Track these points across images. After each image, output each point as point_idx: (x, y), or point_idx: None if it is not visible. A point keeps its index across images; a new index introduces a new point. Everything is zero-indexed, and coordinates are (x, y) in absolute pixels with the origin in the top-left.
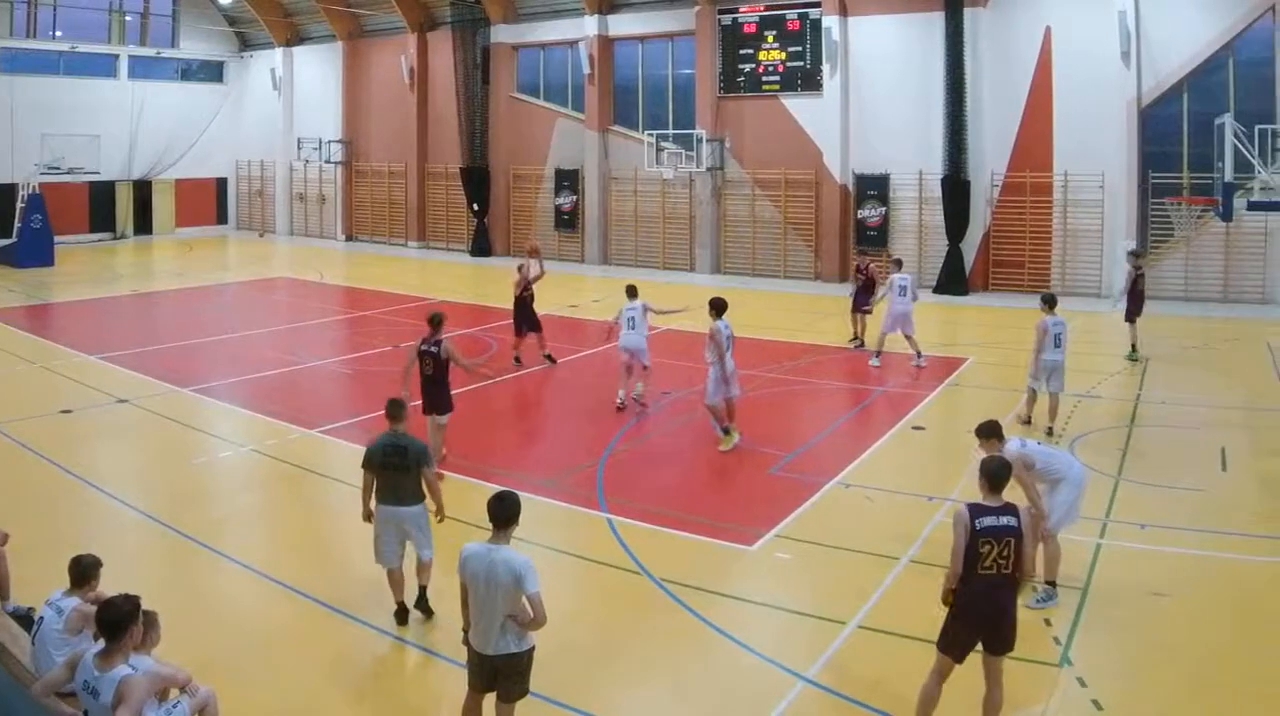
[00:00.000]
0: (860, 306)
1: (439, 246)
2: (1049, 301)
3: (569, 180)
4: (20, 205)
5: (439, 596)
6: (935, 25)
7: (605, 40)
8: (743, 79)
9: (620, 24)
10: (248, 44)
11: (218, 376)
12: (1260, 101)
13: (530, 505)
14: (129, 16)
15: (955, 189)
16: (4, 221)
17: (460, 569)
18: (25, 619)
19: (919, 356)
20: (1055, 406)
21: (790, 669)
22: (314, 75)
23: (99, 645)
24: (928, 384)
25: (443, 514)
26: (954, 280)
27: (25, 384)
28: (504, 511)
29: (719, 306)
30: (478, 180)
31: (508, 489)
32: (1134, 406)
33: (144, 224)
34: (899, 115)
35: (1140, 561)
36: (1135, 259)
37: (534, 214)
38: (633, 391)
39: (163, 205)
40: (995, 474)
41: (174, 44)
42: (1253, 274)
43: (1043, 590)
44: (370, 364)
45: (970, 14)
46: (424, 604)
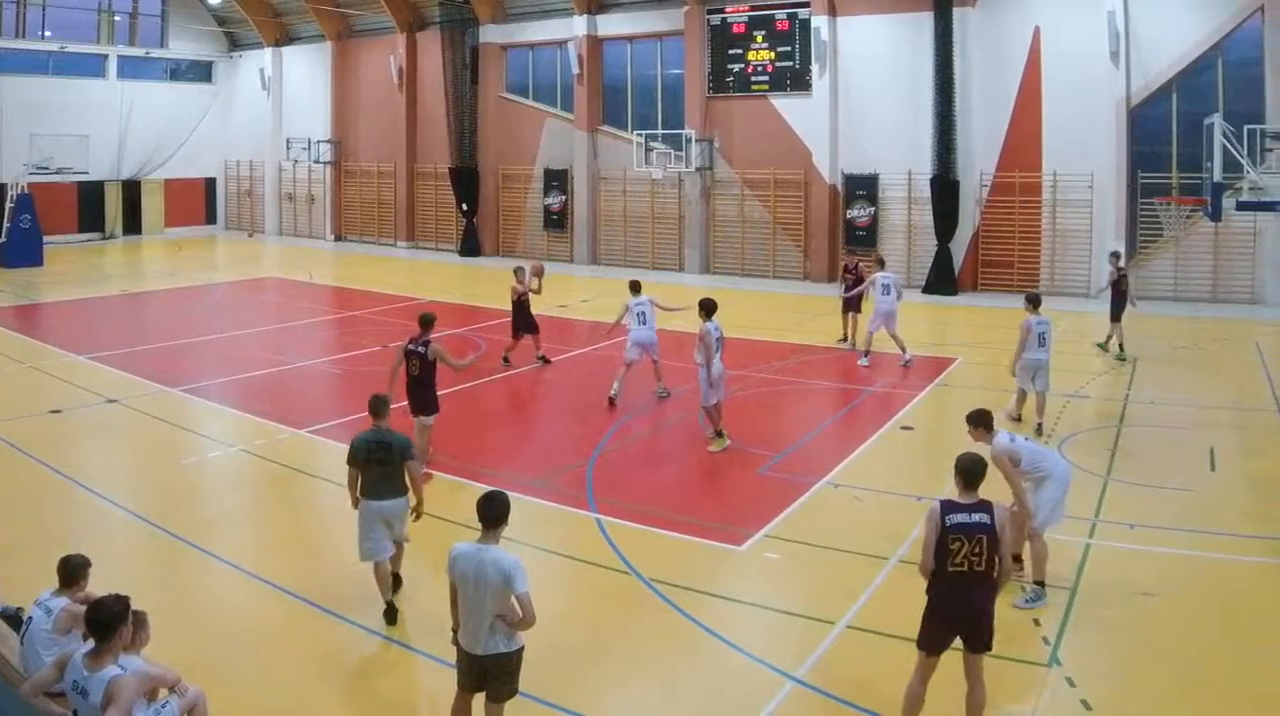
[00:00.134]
0: (851, 306)
1: (428, 246)
2: (1033, 301)
3: (558, 180)
4: (9, 205)
5: (417, 587)
6: (924, 25)
7: (594, 40)
8: (732, 79)
9: (609, 24)
10: (237, 44)
11: (207, 376)
12: (1249, 101)
13: (519, 505)
14: (118, 16)
15: (944, 189)
16: None
17: (449, 568)
18: (14, 619)
19: (904, 352)
20: (1042, 405)
21: (779, 669)
22: (303, 75)
23: (88, 645)
24: (916, 384)
25: (421, 511)
26: (943, 280)
27: (14, 384)
28: (493, 511)
29: (709, 307)
30: (467, 180)
31: (497, 489)
32: (1123, 406)
33: (133, 224)
34: (888, 115)
35: (1129, 561)
36: (1116, 259)
37: (523, 214)
38: (656, 389)
39: (151, 205)
40: (969, 471)
41: (163, 44)
42: (1241, 274)
43: (1031, 590)
44: (359, 364)
45: (959, 14)
46: (397, 584)
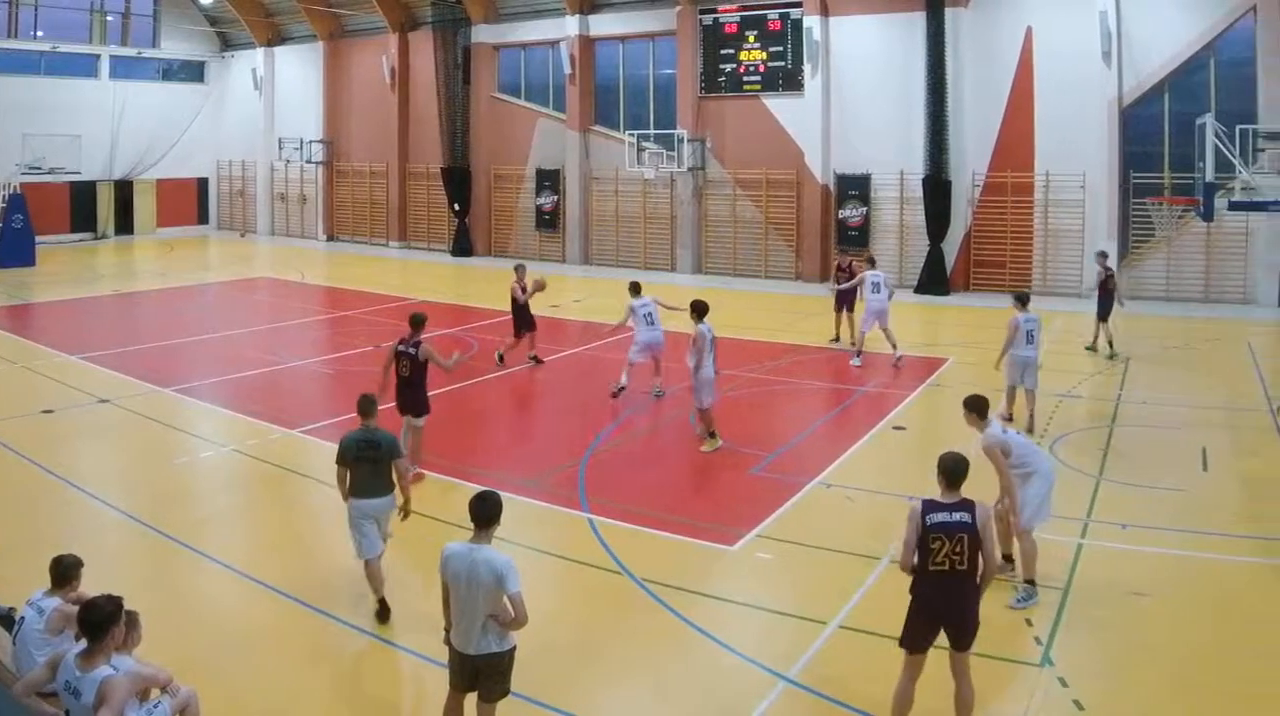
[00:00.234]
0: (843, 303)
1: (420, 246)
2: (1022, 299)
3: (550, 180)
4: (1, 205)
5: (408, 587)
6: (916, 25)
7: (586, 40)
8: (724, 79)
9: (601, 24)
10: (229, 44)
11: (199, 376)
12: (1241, 101)
13: (512, 505)
14: (110, 16)
15: (936, 189)
16: None
17: (441, 568)
18: (6, 619)
19: (895, 350)
20: (1032, 402)
21: (771, 669)
22: (295, 75)
23: (80, 645)
24: (908, 384)
25: (408, 509)
26: (935, 280)
27: (6, 384)
28: (485, 511)
29: (700, 309)
30: (459, 180)
31: (489, 488)
32: (1115, 406)
33: (125, 224)
34: (880, 115)
35: (1121, 561)
36: (1104, 259)
37: (515, 214)
38: (653, 388)
39: (144, 205)
40: (951, 470)
41: (155, 44)
42: (1234, 274)
43: (1022, 589)
44: (351, 364)
45: (951, 14)
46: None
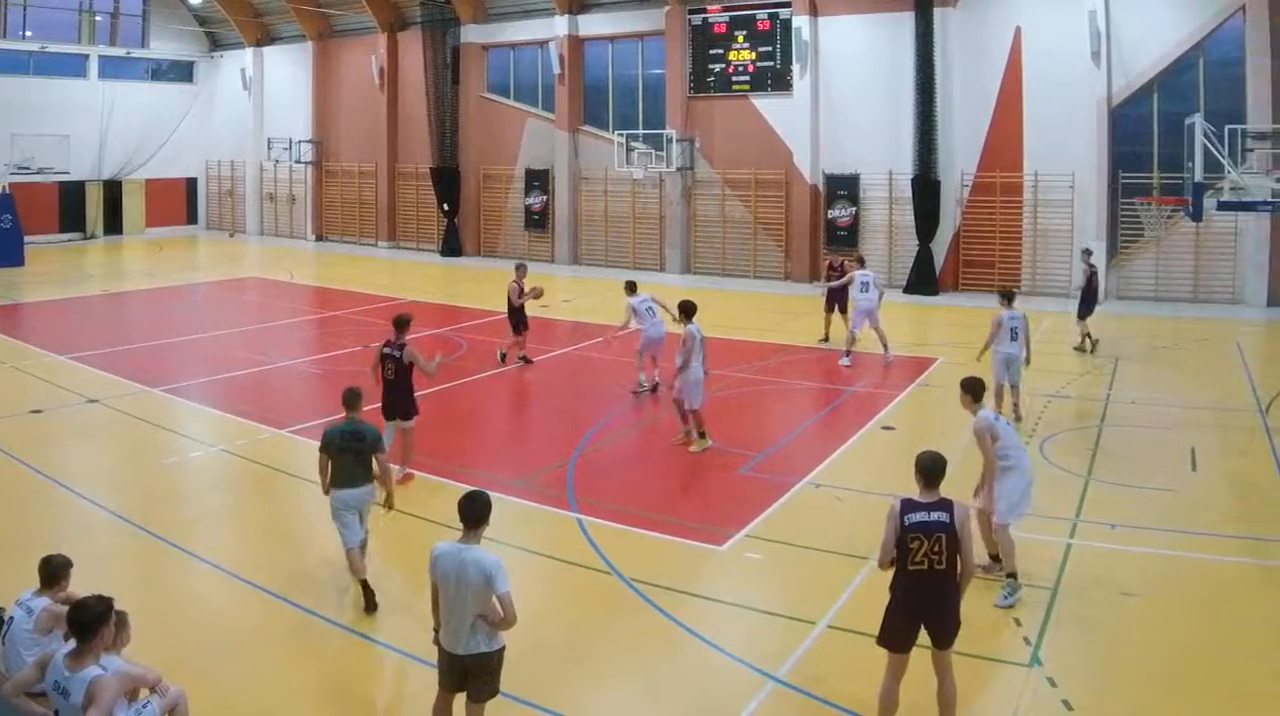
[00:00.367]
0: (833, 302)
1: (409, 246)
2: (1007, 296)
3: (539, 180)
4: None
5: (397, 587)
6: (905, 25)
7: (575, 40)
8: (713, 79)
9: (590, 24)
10: (218, 44)
11: (188, 376)
12: (1230, 101)
13: (501, 505)
14: (99, 16)
15: (925, 189)
16: None
17: (431, 568)
18: None
19: (886, 349)
20: (1016, 397)
21: (760, 669)
22: (284, 75)
23: (69, 645)
24: (898, 384)
25: (392, 502)
26: (924, 280)
27: None
28: (474, 511)
29: (689, 310)
30: (448, 180)
31: (478, 488)
32: (1104, 406)
33: (114, 224)
34: (869, 115)
35: (1110, 561)
36: (1088, 256)
37: (504, 214)
38: (652, 380)
39: (133, 205)
40: (929, 469)
41: (144, 44)
42: (1223, 274)
43: (1006, 584)
44: (340, 364)
45: (940, 14)
46: (371, 594)
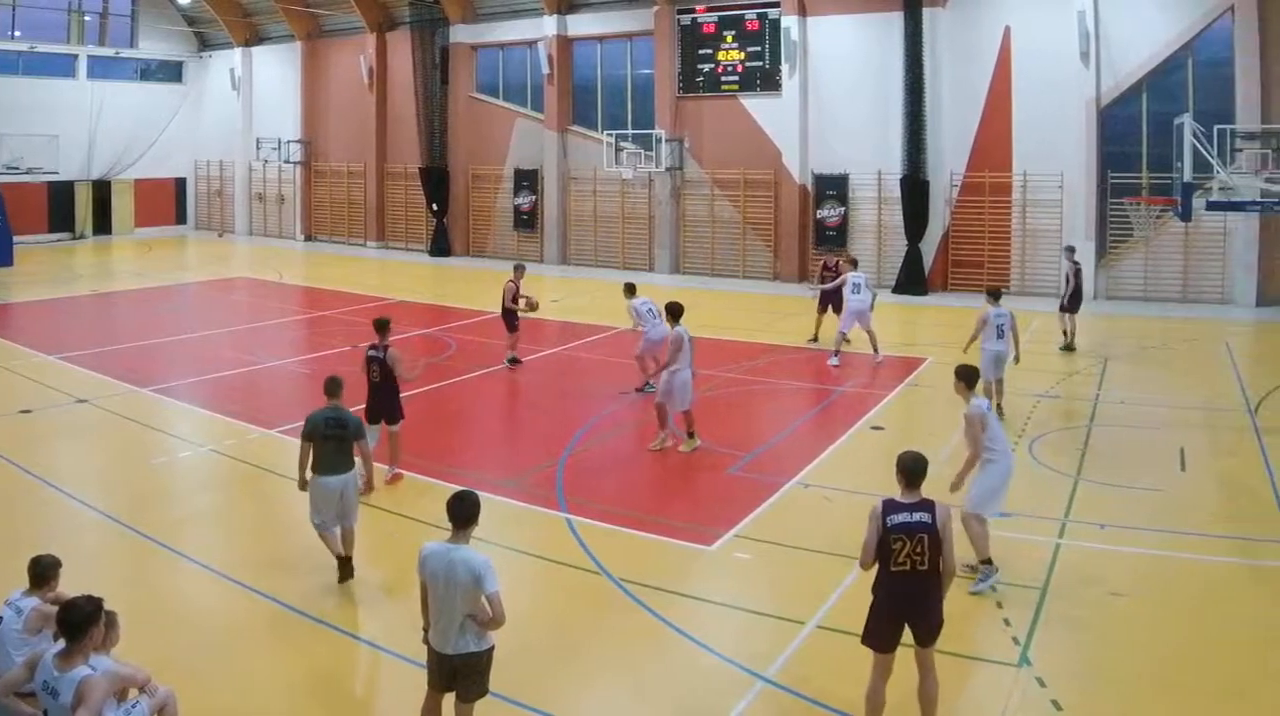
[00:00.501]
0: (826, 303)
1: (398, 246)
2: (994, 294)
3: (528, 180)
4: None
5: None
6: (894, 25)
7: (564, 40)
8: (702, 79)
9: (579, 24)
10: (207, 44)
11: (177, 376)
12: (1219, 101)
13: (490, 505)
14: (88, 16)
15: (914, 189)
16: None
17: (419, 568)
18: None
19: (876, 350)
20: (999, 394)
21: (749, 668)
22: (273, 75)
23: (59, 645)
24: (887, 384)
25: (371, 485)
26: (913, 280)
27: None
28: (463, 511)
29: (676, 312)
30: (437, 180)
31: (467, 488)
32: (1093, 406)
33: (103, 224)
34: (858, 115)
35: (1099, 561)
36: (1072, 253)
37: (493, 214)
38: (633, 387)
39: (122, 205)
40: (910, 469)
41: (133, 44)
42: (1212, 274)
43: (981, 570)
44: (328, 364)
45: (929, 14)
46: (348, 568)
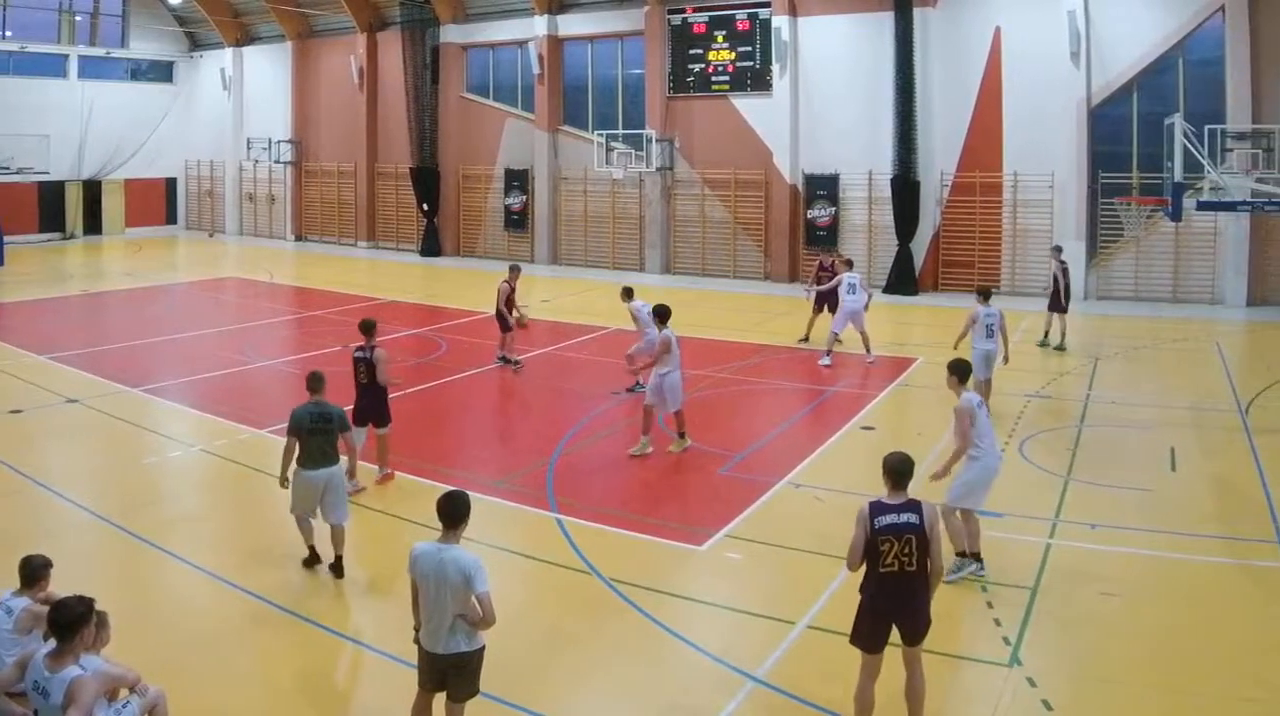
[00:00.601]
0: (822, 303)
1: (389, 246)
2: (984, 294)
3: (519, 180)
4: None
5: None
6: (885, 25)
7: (555, 40)
8: (692, 79)
9: (570, 24)
10: (197, 44)
11: (167, 376)
12: (1210, 101)
13: (480, 505)
14: (78, 16)
15: (905, 189)
16: None
17: (410, 568)
18: None
19: (868, 350)
20: (986, 392)
21: (740, 669)
22: (264, 75)
23: (49, 645)
24: (877, 384)
25: (354, 471)
26: (903, 280)
27: None
28: (454, 511)
29: (664, 314)
30: (427, 180)
31: (457, 488)
32: (1084, 406)
33: (93, 224)
34: (848, 115)
35: (1090, 561)
36: (1059, 253)
37: (484, 214)
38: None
39: (112, 205)
40: (896, 470)
41: (123, 44)
42: (1202, 274)
43: (954, 561)
44: (319, 364)
45: (920, 14)
46: (339, 567)
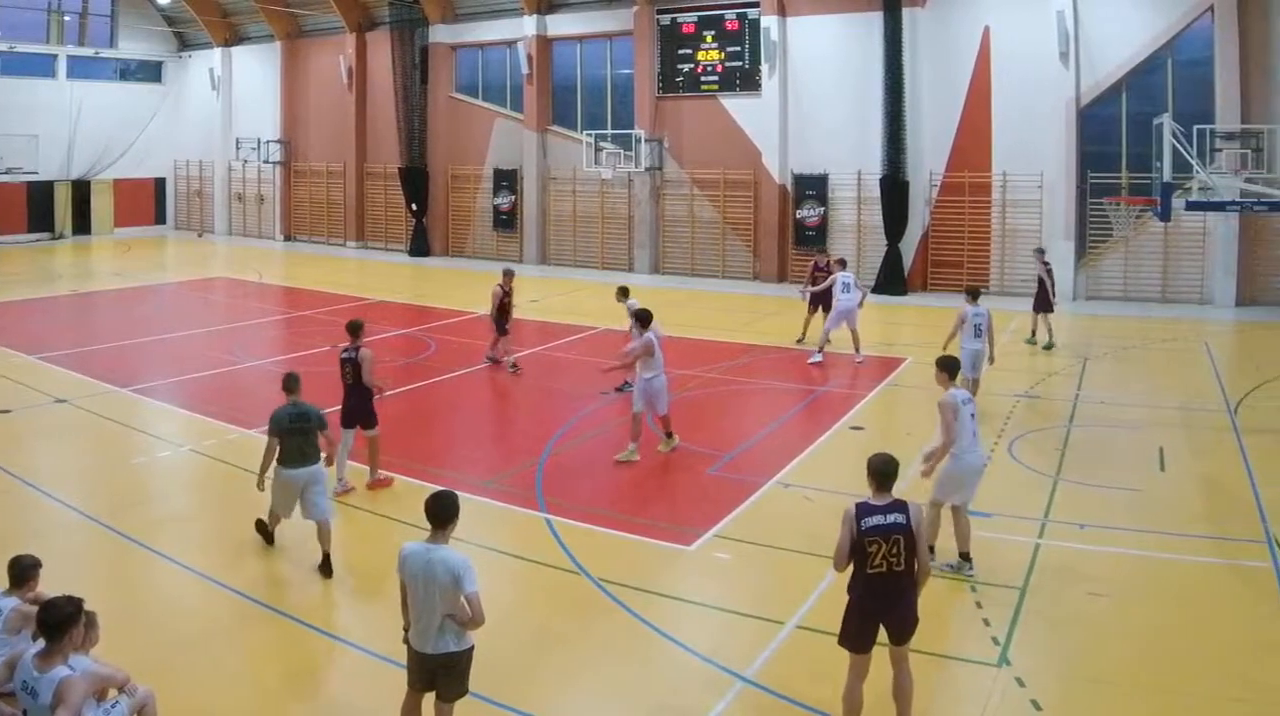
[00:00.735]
0: (817, 303)
1: (377, 246)
2: (972, 293)
3: (507, 180)
4: None
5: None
6: (874, 25)
7: (544, 40)
8: (681, 79)
9: (559, 24)
10: (186, 44)
11: (156, 376)
12: (1199, 101)
13: (469, 505)
14: (67, 16)
15: (894, 189)
16: None
17: (399, 568)
18: None
19: (858, 350)
20: (974, 391)
21: (729, 669)
22: (253, 75)
23: (38, 645)
24: (866, 384)
25: (332, 460)
26: (892, 280)
27: None
28: (442, 511)
29: (645, 319)
30: (416, 180)
31: (446, 488)
32: (1073, 406)
33: (82, 224)
34: (837, 115)
35: (1079, 561)
36: (1042, 254)
37: (472, 214)
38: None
39: (101, 205)
40: (881, 471)
41: (112, 44)
42: (1191, 274)
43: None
44: (308, 364)
45: (909, 14)
46: (327, 565)
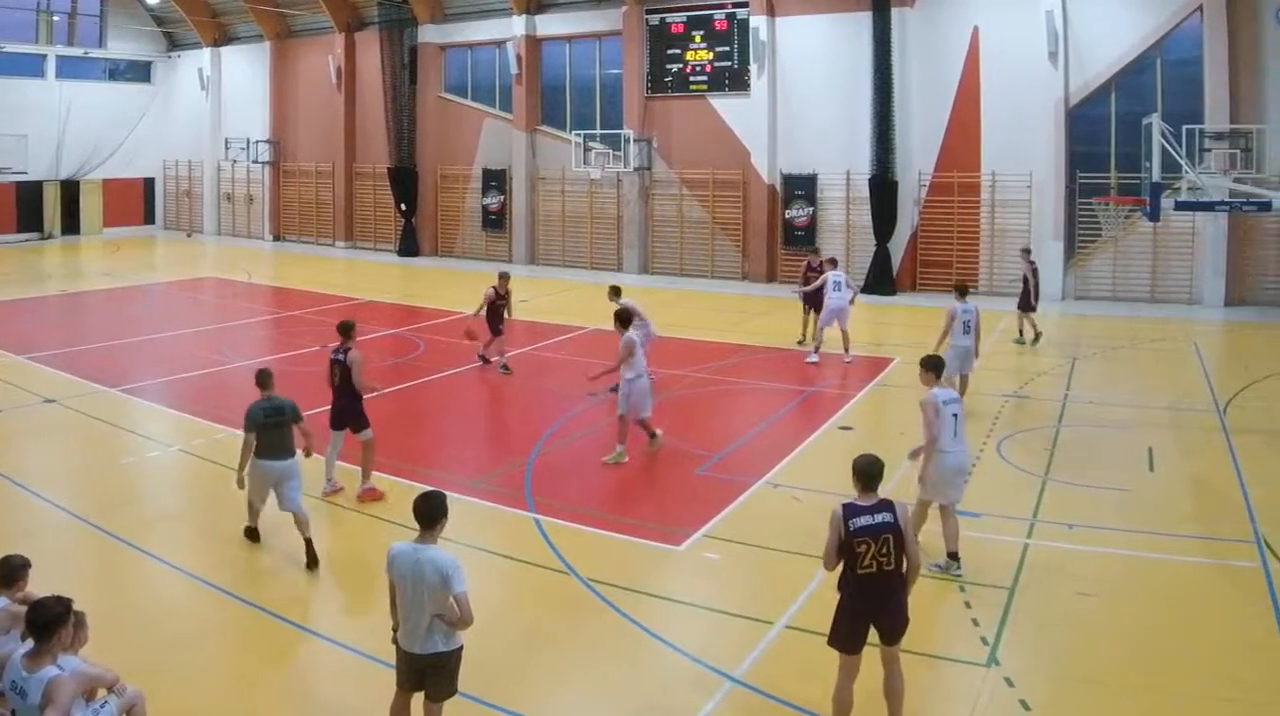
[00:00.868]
0: (811, 303)
1: (367, 246)
2: (961, 291)
3: (496, 180)
4: None
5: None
6: (863, 25)
7: (533, 40)
8: (670, 79)
9: (548, 24)
10: (175, 44)
11: (145, 376)
12: (1188, 101)
13: (457, 505)
14: (56, 16)
15: (883, 189)
16: None
17: (387, 568)
18: None
19: (847, 350)
20: (963, 388)
21: (718, 669)
22: (242, 75)
23: (27, 645)
24: (855, 384)
25: (310, 449)
26: (881, 280)
27: None
28: (430, 511)
29: (626, 319)
30: (405, 180)
31: (434, 488)
32: (1062, 406)
33: (71, 224)
34: (826, 115)
35: (1068, 561)
36: (1028, 254)
37: (461, 214)
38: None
39: (90, 205)
40: (866, 471)
41: (101, 44)
42: (1180, 274)
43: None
44: (297, 364)
45: (898, 14)
46: (311, 552)
